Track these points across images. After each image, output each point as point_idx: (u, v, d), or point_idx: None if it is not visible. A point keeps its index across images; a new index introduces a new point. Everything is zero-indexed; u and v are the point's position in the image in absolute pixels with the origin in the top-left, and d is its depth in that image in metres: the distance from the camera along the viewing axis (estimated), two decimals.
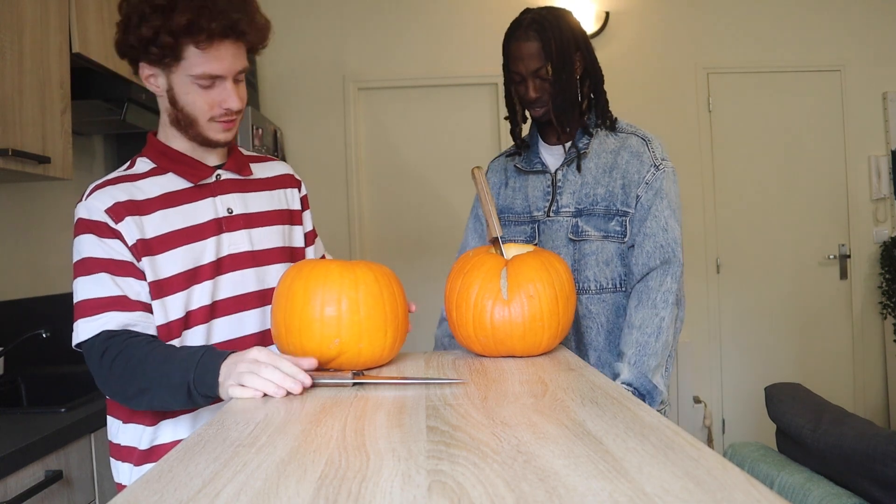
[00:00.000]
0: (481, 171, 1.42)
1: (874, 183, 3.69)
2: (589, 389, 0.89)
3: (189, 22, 1.07)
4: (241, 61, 1.17)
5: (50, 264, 2.36)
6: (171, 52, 1.10)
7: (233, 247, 1.21)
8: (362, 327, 1.04)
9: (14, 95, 1.72)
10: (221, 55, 1.12)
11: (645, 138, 1.54)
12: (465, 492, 0.53)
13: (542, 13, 1.50)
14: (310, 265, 1.08)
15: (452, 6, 3.62)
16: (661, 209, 1.47)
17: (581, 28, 1.55)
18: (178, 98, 1.16)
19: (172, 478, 0.60)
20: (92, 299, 1.11)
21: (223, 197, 1.23)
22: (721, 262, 3.70)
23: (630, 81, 3.64)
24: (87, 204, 1.15)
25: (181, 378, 1.02)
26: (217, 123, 1.18)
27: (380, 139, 3.65)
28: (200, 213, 1.20)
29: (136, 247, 1.14)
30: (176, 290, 1.16)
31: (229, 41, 1.13)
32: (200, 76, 1.12)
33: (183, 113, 1.17)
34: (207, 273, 1.18)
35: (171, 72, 1.14)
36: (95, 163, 2.74)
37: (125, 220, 1.14)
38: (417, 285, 3.43)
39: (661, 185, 1.48)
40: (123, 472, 1.21)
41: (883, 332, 3.69)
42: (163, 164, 1.22)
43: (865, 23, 3.68)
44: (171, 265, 1.16)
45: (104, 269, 1.12)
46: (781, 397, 1.73)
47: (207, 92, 1.15)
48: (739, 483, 0.53)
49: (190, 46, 1.10)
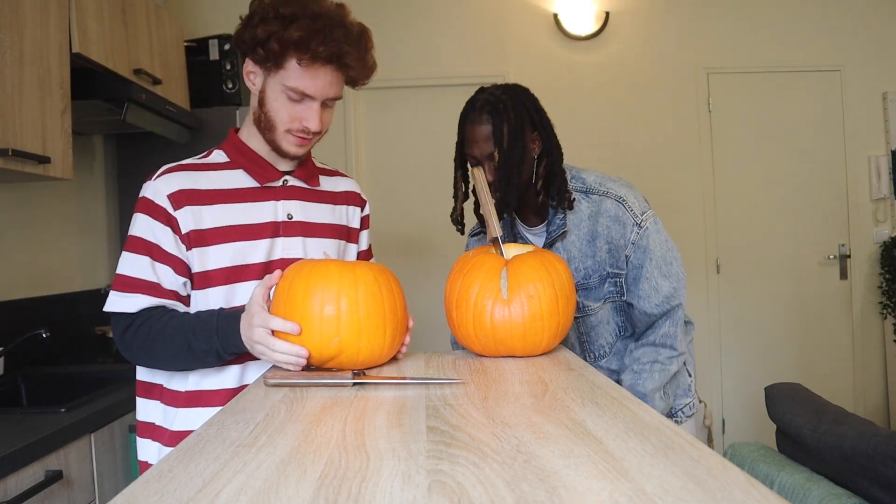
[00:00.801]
0: (481, 171, 1.42)
1: (874, 183, 3.69)
2: (589, 389, 0.89)
3: (300, 38, 1.13)
4: (336, 89, 1.22)
5: (50, 264, 2.36)
6: (274, 59, 1.16)
7: (286, 251, 1.26)
8: (361, 326, 1.04)
9: (14, 95, 1.72)
10: (318, 77, 1.18)
11: (618, 199, 1.49)
12: (465, 492, 0.53)
13: (496, 94, 1.47)
14: (310, 265, 1.08)
15: (452, 6, 3.62)
16: (651, 270, 1.47)
17: (538, 105, 1.51)
18: (266, 101, 1.21)
19: (172, 478, 0.60)
20: (129, 277, 1.17)
21: (286, 202, 1.28)
22: (721, 262, 3.70)
23: (630, 82, 3.64)
24: (155, 185, 1.21)
25: (207, 346, 1.13)
26: (292, 136, 1.23)
27: (380, 139, 3.65)
28: (260, 214, 1.25)
29: (189, 236, 1.19)
30: (219, 284, 1.21)
31: (331, 67, 1.18)
32: (292, 89, 1.18)
33: (266, 116, 1.22)
34: (255, 273, 1.23)
35: (269, 75, 1.20)
36: (95, 163, 2.74)
37: (184, 208, 1.19)
38: (417, 285, 3.43)
39: (648, 242, 1.47)
40: (150, 450, 1.25)
41: (883, 332, 3.69)
42: (236, 160, 1.27)
43: (865, 23, 3.68)
44: (219, 258, 1.20)
45: (147, 253, 1.18)
46: (781, 397, 1.73)
47: (294, 105, 1.20)
48: (739, 483, 0.53)
49: (293, 60, 1.16)
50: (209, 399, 1.22)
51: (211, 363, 1.17)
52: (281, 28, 1.14)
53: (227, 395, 1.21)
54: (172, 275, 1.18)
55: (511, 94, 1.47)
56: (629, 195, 1.49)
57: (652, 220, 1.49)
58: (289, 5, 1.15)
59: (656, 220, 1.50)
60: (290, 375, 1.01)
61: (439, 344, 3.14)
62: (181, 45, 2.75)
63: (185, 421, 1.21)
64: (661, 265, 1.48)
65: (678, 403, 1.58)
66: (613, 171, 1.55)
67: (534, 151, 1.48)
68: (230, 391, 1.22)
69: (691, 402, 1.60)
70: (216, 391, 1.22)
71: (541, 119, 1.50)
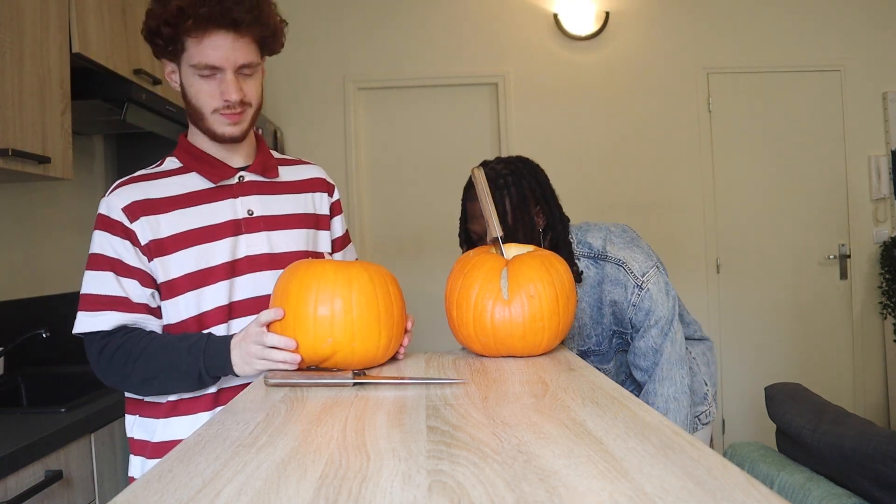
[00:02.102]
0: (481, 171, 1.42)
1: (874, 183, 3.69)
2: (589, 389, 0.89)
3: (179, 9, 1.11)
4: (244, 55, 1.17)
5: (50, 264, 2.36)
6: (171, 42, 1.14)
7: (251, 248, 1.23)
8: (355, 327, 1.04)
9: (14, 95, 1.72)
10: (217, 45, 1.14)
11: (619, 263, 1.48)
12: (466, 492, 0.53)
13: (497, 169, 1.46)
14: (305, 265, 1.09)
15: (452, 6, 3.62)
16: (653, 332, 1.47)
17: (540, 178, 1.50)
18: (186, 91, 1.19)
19: (172, 478, 0.60)
20: (95, 295, 1.15)
21: (244, 198, 1.25)
22: (721, 262, 3.69)
23: (630, 82, 3.64)
24: (108, 200, 1.19)
25: (190, 366, 1.11)
26: (221, 116, 1.19)
27: (380, 139, 3.65)
28: (218, 214, 1.22)
29: (149, 247, 1.17)
30: (186, 290, 1.18)
31: (224, 31, 1.14)
32: (198, 66, 1.15)
33: (191, 106, 1.20)
34: (221, 274, 1.20)
35: (179, 64, 1.18)
36: (95, 163, 2.74)
37: (140, 219, 1.17)
38: (417, 285, 3.43)
39: (650, 305, 1.47)
40: (135, 465, 1.24)
41: (883, 332, 3.69)
42: (188, 164, 1.25)
43: (865, 23, 3.68)
44: (182, 265, 1.18)
45: (111, 269, 1.16)
46: (781, 397, 1.73)
47: (208, 83, 1.17)
48: (739, 483, 0.53)
49: (187, 37, 1.14)
50: (189, 407, 1.20)
51: (190, 385, 1.15)
52: (162, 9, 1.12)
53: (209, 400, 1.19)
54: (139, 287, 1.16)
55: (512, 169, 1.47)
56: (629, 256, 1.48)
57: (654, 279, 1.48)
58: None
59: (658, 278, 1.48)
60: (290, 375, 1.01)
61: (439, 344, 3.14)
62: None
63: (166, 431, 1.19)
64: (667, 320, 1.48)
65: (695, 410, 1.60)
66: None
67: (538, 225, 1.48)
68: (211, 396, 1.20)
69: (708, 409, 1.62)
70: (198, 398, 1.20)
71: (543, 192, 1.49)
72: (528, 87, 3.63)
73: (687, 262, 3.65)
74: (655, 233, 3.62)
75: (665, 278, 1.50)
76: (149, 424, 1.21)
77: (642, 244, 1.53)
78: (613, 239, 1.51)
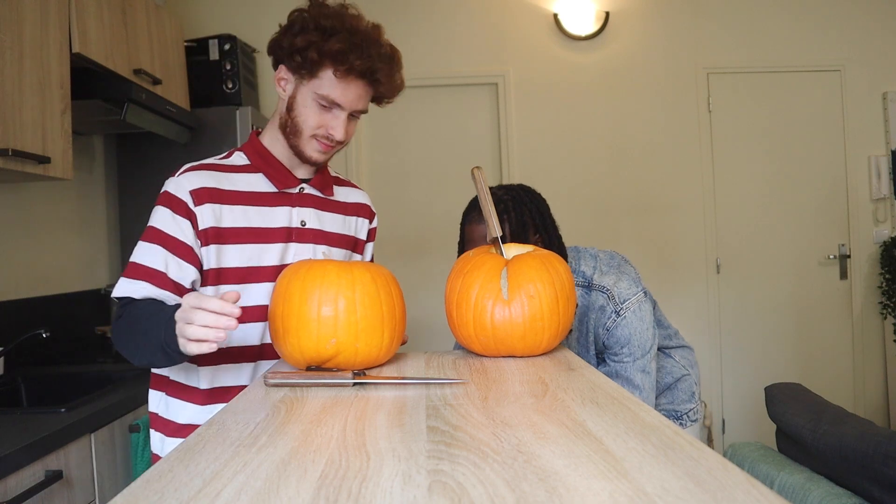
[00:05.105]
0: (481, 171, 1.42)
1: (874, 183, 3.69)
2: (589, 389, 0.89)
3: (339, 51, 1.19)
4: (364, 103, 1.27)
5: (50, 264, 2.36)
6: (310, 67, 1.21)
7: (298, 257, 1.29)
8: (359, 328, 1.04)
9: (14, 95, 1.72)
10: (350, 89, 1.23)
11: (604, 290, 1.49)
12: (466, 492, 0.53)
13: (497, 194, 1.46)
14: (307, 265, 1.08)
15: (452, 6, 3.62)
16: (630, 368, 1.47)
17: (540, 206, 1.50)
18: (296, 106, 1.25)
19: (172, 478, 0.60)
20: (139, 264, 1.19)
21: (301, 209, 1.31)
22: (721, 262, 3.69)
23: (630, 82, 3.64)
24: (178, 180, 1.23)
25: (155, 337, 1.05)
26: (317, 143, 1.27)
27: (380, 139, 3.65)
28: (276, 218, 1.28)
29: (207, 233, 1.21)
30: (232, 282, 1.23)
31: (363, 82, 1.24)
32: (324, 97, 1.22)
33: (294, 121, 1.26)
34: (268, 275, 1.26)
35: (302, 83, 1.24)
36: (95, 163, 2.74)
37: (205, 205, 1.21)
38: (417, 285, 3.43)
39: (626, 332, 1.46)
40: (155, 441, 1.28)
41: (883, 332, 3.69)
42: (256, 163, 1.30)
43: (865, 23, 3.68)
44: (235, 257, 1.23)
45: (161, 243, 1.19)
46: (781, 397, 1.73)
47: (322, 113, 1.24)
48: (739, 483, 0.53)
49: (329, 70, 1.21)
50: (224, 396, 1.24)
51: (160, 360, 1.08)
52: (321, 39, 1.19)
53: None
54: (183, 266, 1.19)
55: (513, 195, 1.47)
56: (615, 284, 1.49)
57: (634, 307, 1.47)
58: (329, 18, 1.20)
59: (641, 306, 1.48)
60: (290, 375, 1.01)
61: (439, 344, 3.14)
62: (181, 45, 2.75)
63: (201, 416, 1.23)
64: (642, 350, 1.47)
65: (684, 408, 1.60)
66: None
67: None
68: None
69: (696, 406, 1.62)
70: (233, 387, 1.25)
71: (543, 220, 1.49)
72: (528, 87, 3.63)
73: (687, 263, 3.65)
74: (655, 233, 3.62)
75: (649, 307, 1.50)
76: (173, 404, 1.25)
77: (629, 270, 1.53)
78: (602, 267, 1.52)
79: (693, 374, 1.68)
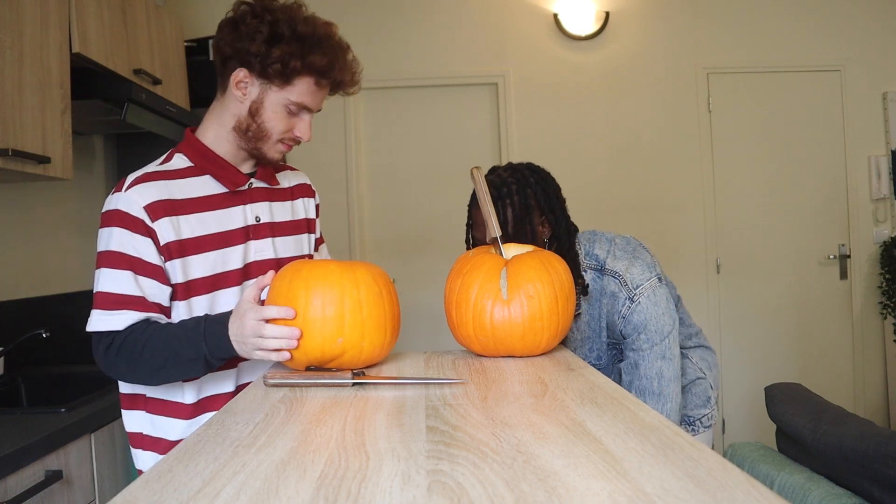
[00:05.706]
0: (480, 171, 1.42)
1: (874, 183, 3.69)
2: (589, 389, 0.89)
3: (327, 65, 1.19)
4: (323, 101, 1.28)
5: (50, 264, 2.36)
6: (286, 76, 1.18)
7: (259, 254, 1.27)
8: (365, 326, 1.05)
9: (14, 95, 1.72)
10: (320, 94, 1.24)
11: (616, 275, 1.44)
12: (465, 492, 0.53)
13: (502, 176, 1.43)
14: (308, 265, 1.09)
15: (452, 6, 3.62)
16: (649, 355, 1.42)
17: (547, 188, 1.46)
18: (262, 112, 1.22)
19: (172, 478, 0.60)
20: (112, 294, 1.14)
21: (253, 205, 1.29)
22: (721, 262, 3.69)
23: (630, 82, 3.64)
24: (127, 196, 1.17)
25: (195, 353, 1.11)
26: (281, 145, 1.25)
27: (380, 139, 3.65)
28: (232, 220, 1.25)
29: (169, 247, 1.17)
30: (202, 292, 1.20)
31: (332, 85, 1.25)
32: (296, 103, 1.21)
33: (260, 127, 1.22)
34: (234, 279, 1.23)
35: (270, 89, 1.20)
36: (95, 163, 2.74)
37: (162, 219, 1.16)
38: (417, 285, 3.43)
39: (642, 318, 1.42)
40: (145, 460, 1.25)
41: (883, 332, 3.69)
42: (200, 165, 1.25)
43: (865, 23, 3.68)
44: (201, 268, 1.20)
45: (129, 267, 1.15)
46: (781, 397, 1.73)
47: (290, 118, 1.23)
48: (739, 483, 0.53)
49: (309, 80, 1.20)
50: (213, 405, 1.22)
51: (199, 371, 1.14)
52: (303, 51, 1.17)
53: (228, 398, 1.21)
54: (157, 286, 1.16)
55: (518, 177, 1.44)
56: (627, 269, 1.44)
57: (649, 292, 1.43)
58: (302, 24, 1.17)
59: (656, 291, 1.43)
60: (290, 375, 1.01)
61: (439, 344, 3.14)
62: (181, 45, 2.75)
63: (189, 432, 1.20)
64: (662, 335, 1.43)
65: (697, 413, 1.59)
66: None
67: (543, 235, 1.46)
68: (230, 395, 1.22)
69: (710, 412, 1.61)
70: (218, 395, 1.23)
71: (549, 201, 1.46)
72: (528, 87, 3.63)
73: (687, 262, 3.64)
74: (655, 233, 3.62)
75: (665, 292, 1.45)
76: (158, 421, 1.22)
77: (644, 256, 1.48)
78: (616, 252, 1.48)
79: (710, 376, 1.63)
